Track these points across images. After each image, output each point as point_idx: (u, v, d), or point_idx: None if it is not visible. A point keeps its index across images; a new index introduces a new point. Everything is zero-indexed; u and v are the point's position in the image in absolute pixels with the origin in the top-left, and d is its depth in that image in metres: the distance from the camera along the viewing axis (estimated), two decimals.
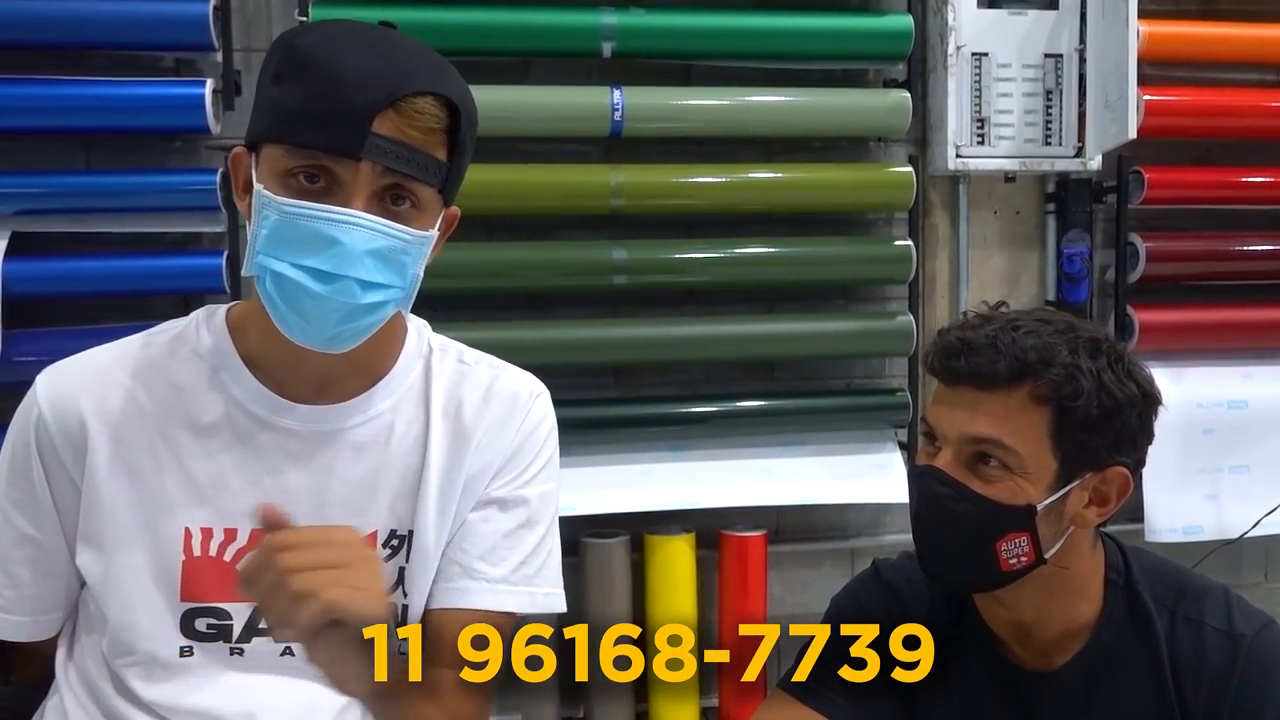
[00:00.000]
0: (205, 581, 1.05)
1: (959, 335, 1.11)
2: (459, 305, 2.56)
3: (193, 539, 1.05)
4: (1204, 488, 2.76)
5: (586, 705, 2.64)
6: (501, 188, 2.49)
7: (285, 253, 0.96)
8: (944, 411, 1.11)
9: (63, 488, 1.06)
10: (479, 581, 1.10)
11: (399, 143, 0.96)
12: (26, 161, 2.41)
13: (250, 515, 1.03)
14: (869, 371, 2.80)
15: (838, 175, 2.68)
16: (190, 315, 1.12)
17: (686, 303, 2.70)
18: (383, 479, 1.09)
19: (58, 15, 2.29)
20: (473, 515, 1.12)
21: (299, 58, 0.97)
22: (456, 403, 1.12)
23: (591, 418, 2.57)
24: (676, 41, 2.57)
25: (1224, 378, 2.81)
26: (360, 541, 0.94)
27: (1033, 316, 1.12)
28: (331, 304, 0.96)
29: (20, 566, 1.08)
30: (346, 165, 0.95)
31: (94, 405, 1.05)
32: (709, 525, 2.64)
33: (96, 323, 2.39)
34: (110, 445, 1.04)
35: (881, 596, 1.23)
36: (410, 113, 0.96)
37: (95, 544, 1.05)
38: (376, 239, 0.96)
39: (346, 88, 0.94)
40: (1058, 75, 2.69)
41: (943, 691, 1.19)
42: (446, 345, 1.17)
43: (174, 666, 1.04)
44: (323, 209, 0.95)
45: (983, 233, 2.83)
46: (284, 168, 0.96)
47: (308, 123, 0.94)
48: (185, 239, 2.46)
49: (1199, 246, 2.83)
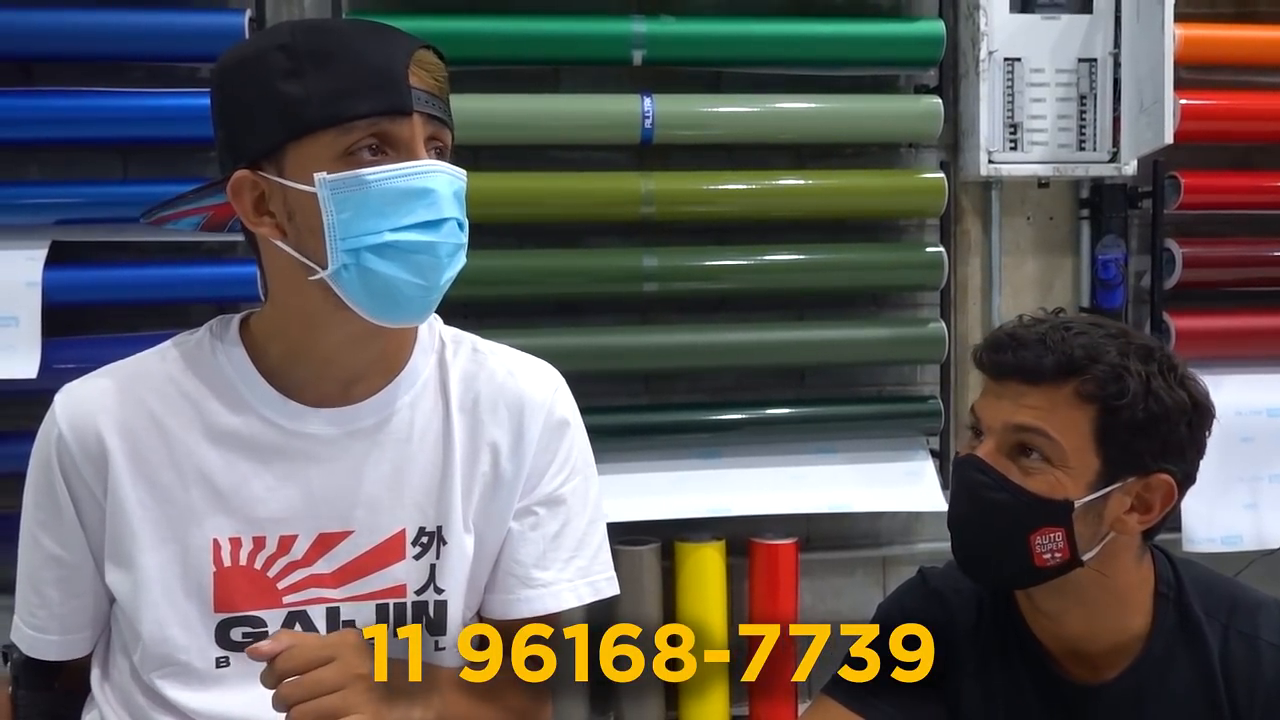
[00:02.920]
0: (238, 591, 1.05)
1: (1009, 332, 1.12)
2: (490, 312, 2.57)
3: (221, 549, 1.05)
4: (1243, 496, 2.72)
5: (616, 709, 2.64)
6: (532, 195, 2.51)
7: (379, 223, 0.97)
8: (990, 402, 1.12)
9: (88, 506, 1.06)
10: (537, 589, 1.12)
11: (430, 93, 1.00)
12: (66, 172, 2.46)
13: (278, 521, 1.05)
14: (900, 378, 2.79)
15: (869, 181, 2.67)
16: (203, 326, 1.12)
17: (717, 309, 2.70)
18: (406, 476, 1.09)
19: (96, 29, 2.33)
20: (517, 526, 1.13)
21: (305, 52, 0.98)
22: (474, 395, 1.12)
23: (622, 425, 2.58)
24: (706, 49, 2.57)
25: (1263, 385, 2.77)
26: (354, 651, 0.98)
27: (1087, 320, 1.13)
28: (444, 248, 0.99)
29: (50, 587, 1.08)
30: (402, 123, 0.98)
31: (112, 422, 1.05)
32: (740, 533, 2.63)
33: (134, 330, 2.43)
34: (131, 460, 1.05)
35: (928, 604, 1.22)
36: (428, 63, 1.01)
37: (124, 561, 1.05)
38: (454, 181, 1.01)
39: (376, 55, 0.98)
40: (1092, 80, 2.67)
41: (989, 702, 1.18)
42: (460, 337, 1.17)
43: (210, 677, 1.05)
44: (407, 166, 0.98)
45: (1015, 239, 2.81)
46: (340, 148, 0.97)
47: (358, 94, 0.97)
48: (221, 248, 2.49)
49: (1236, 252, 2.80)
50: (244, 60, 1.02)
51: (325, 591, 1.07)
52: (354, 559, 1.07)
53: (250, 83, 1.00)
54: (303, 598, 1.06)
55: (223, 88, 1.04)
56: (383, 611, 1.08)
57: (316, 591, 1.07)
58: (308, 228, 0.99)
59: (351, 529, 1.07)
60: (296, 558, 1.06)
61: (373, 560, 1.08)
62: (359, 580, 1.07)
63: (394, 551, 1.08)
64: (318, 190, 0.97)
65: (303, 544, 1.06)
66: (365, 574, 1.08)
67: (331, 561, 1.07)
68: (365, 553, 1.08)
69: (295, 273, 1.01)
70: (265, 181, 1.00)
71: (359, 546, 1.07)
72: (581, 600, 1.14)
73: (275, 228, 1.01)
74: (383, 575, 1.08)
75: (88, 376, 1.09)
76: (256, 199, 1.01)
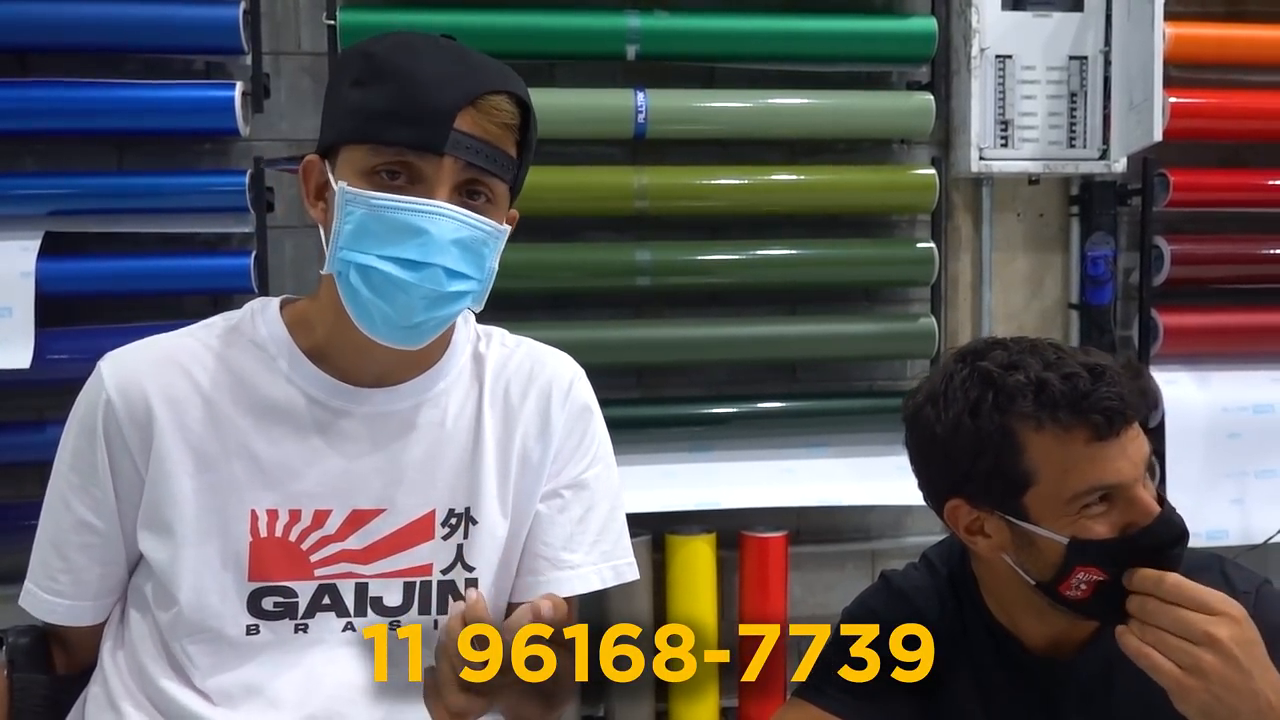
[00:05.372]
0: (272, 561, 1.08)
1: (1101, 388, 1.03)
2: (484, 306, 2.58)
3: (259, 521, 1.08)
4: (1230, 492, 2.75)
5: (607, 704, 2.65)
6: (526, 189, 2.45)
7: (371, 245, 1.01)
8: (1115, 455, 1.04)
9: (126, 473, 1.08)
10: (564, 571, 1.16)
11: (478, 139, 1.02)
12: (61, 163, 2.46)
13: (313, 496, 1.08)
14: (891, 373, 2.80)
15: (860, 177, 2.69)
16: (244, 307, 1.15)
17: (709, 304, 2.72)
18: (441, 459, 1.13)
19: (92, 20, 2.33)
20: (544, 508, 1.17)
21: (378, 64, 1.02)
22: (504, 383, 1.17)
23: (614, 418, 2.53)
24: (700, 44, 2.58)
25: (1250, 382, 2.80)
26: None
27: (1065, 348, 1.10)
28: (420, 291, 1.01)
29: (76, 551, 1.11)
30: (430, 160, 1.00)
31: (159, 390, 1.07)
32: (730, 526, 2.65)
33: (128, 321, 2.43)
34: (176, 429, 1.07)
35: (894, 603, 1.24)
36: (489, 109, 1.02)
37: (162, 528, 1.07)
38: (461, 229, 1.02)
39: (430, 88, 1.00)
40: (1082, 77, 2.68)
41: (958, 689, 1.20)
42: (490, 331, 1.22)
43: (241, 644, 1.07)
44: (410, 201, 1.00)
45: (1006, 235, 2.82)
46: (367, 166, 1.01)
47: (394, 121, 1.00)
48: (215, 239, 2.50)
49: (1224, 249, 2.81)
50: (345, 56, 1.08)
51: (355, 567, 1.10)
52: (384, 537, 1.11)
53: (336, 79, 1.07)
54: (333, 571, 1.10)
55: (331, 72, 1.09)
56: (409, 589, 1.11)
57: (347, 566, 1.10)
58: (331, 225, 1.04)
59: (384, 507, 1.11)
60: (330, 532, 1.09)
61: (402, 539, 1.11)
62: (388, 558, 1.11)
63: (423, 532, 1.12)
64: (336, 196, 1.02)
65: (336, 519, 1.09)
66: (394, 552, 1.11)
67: (363, 538, 1.10)
68: (395, 531, 1.11)
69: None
70: (325, 171, 1.05)
71: (390, 525, 1.11)
72: (605, 583, 1.19)
73: (323, 214, 1.06)
74: (410, 554, 1.11)
75: (131, 345, 1.12)
76: (320, 184, 1.07)
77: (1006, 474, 1.06)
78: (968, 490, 1.10)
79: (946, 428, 1.09)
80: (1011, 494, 1.07)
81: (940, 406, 1.10)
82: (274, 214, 2.42)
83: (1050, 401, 1.03)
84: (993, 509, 1.09)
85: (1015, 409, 1.04)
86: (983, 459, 1.07)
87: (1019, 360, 1.07)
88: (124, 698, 1.08)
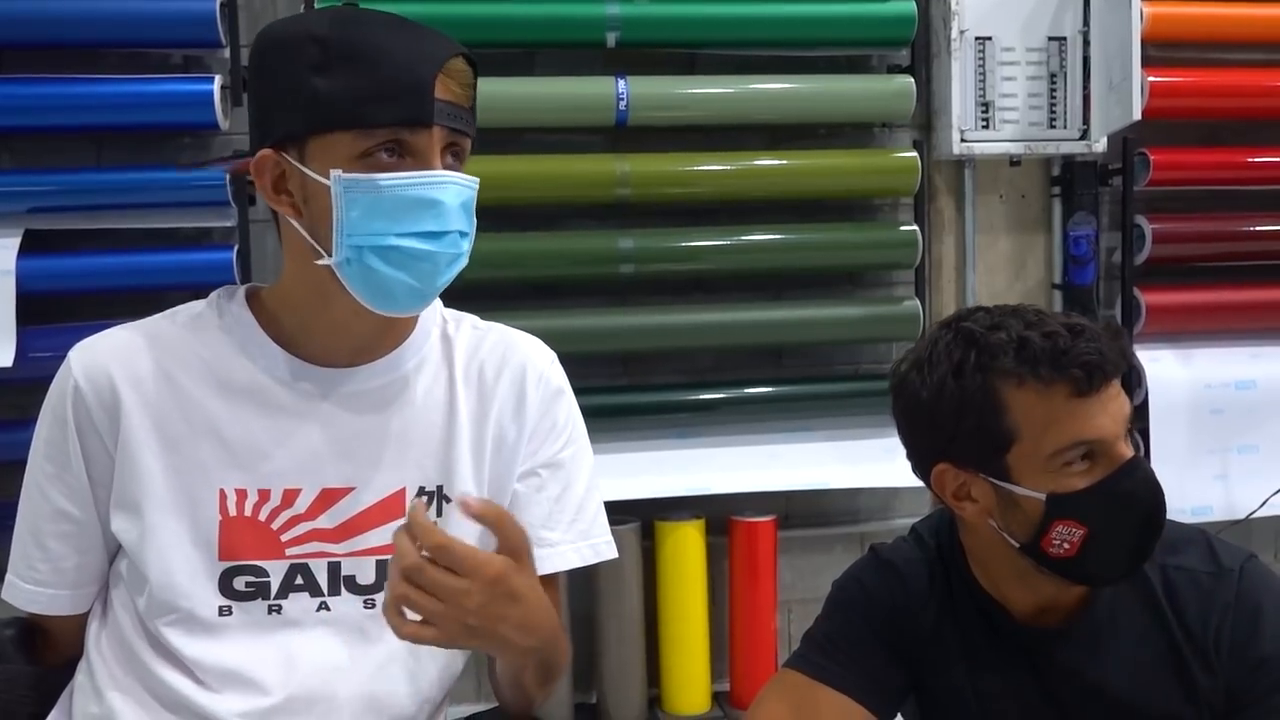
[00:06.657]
0: (242, 541, 1.08)
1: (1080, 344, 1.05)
2: (466, 296, 2.55)
3: (228, 500, 1.08)
4: (1213, 468, 2.77)
5: (599, 689, 2.66)
6: (508, 179, 2.51)
7: (387, 225, 1.02)
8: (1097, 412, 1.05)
9: (98, 458, 1.09)
10: (544, 549, 1.16)
11: (453, 104, 1.04)
12: (39, 159, 2.45)
13: (282, 475, 1.08)
14: (876, 356, 2.81)
15: (843, 161, 2.69)
16: (207, 296, 1.15)
17: (694, 290, 2.72)
18: (410, 437, 1.13)
19: (68, 14, 2.32)
20: (521, 488, 1.18)
21: (337, 47, 1.01)
22: (478, 365, 1.18)
23: (601, 406, 2.59)
24: (680, 30, 2.58)
25: (1232, 358, 2.82)
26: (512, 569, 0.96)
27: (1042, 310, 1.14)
28: (443, 258, 1.04)
29: (54, 540, 1.11)
30: (420, 133, 1.02)
31: (126, 374, 1.08)
32: (719, 511, 2.65)
33: (109, 318, 2.40)
34: (143, 412, 1.08)
35: (883, 576, 1.25)
36: (455, 73, 1.04)
37: (132, 509, 1.08)
38: (463, 192, 1.05)
39: (404, 63, 1.01)
40: (1062, 58, 2.69)
41: (946, 658, 1.21)
42: (460, 315, 1.23)
43: (214, 625, 1.08)
44: (419, 176, 1.02)
45: (988, 217, 2.83)
46: (358, 150, 1.01)
47: (381, 101, 1.00)
48: (196, 234, 2.49)
49: (1205, 228, 2.83)
50: (281, 43, 1.06)
51: (326, 546, 1.10)
52: (355, 515, 1.11)
53: (283, 68, 1.04)
54: (304, 550, 1.10)
55: (259, 67, 1.07)
56: (383, 567, 1.11)
57: (318, 545, 1.10)
58: (320, 216, 1.04)
59: (354, 486, 1.11)
60: (299, 511, 1.10)
61: (373, 516, 1.11)
62: (359, 536, 1.11)
63: (394, 509, 1.12)
64: (332, 185, 1.02)
65: (306, 498, 1.10)
66: (365, 530, 1.11)
67: (334, 517, 1.10)
68: (366, 509, 1.11)
69: (307, 251, 1.05)
70: (286, 163, 1.04)
71: (360, 503, 1.11)
72: (584, 560, 1.20)
73: (292, 207, 1.06)
74: (382, 531, 1.11)
75: (99, 334, 1.13)
76: (277, 177, 1.06)
77: (990, 433, 1.07)
78: (953, 453, 1.11)
79: (931, 390, 1.10)
80: (995, 453, 1.08)
81: (925, 371, 1.11)
82: (256, 207, 2.41)
83: (1031, 358, 1.05)
84: (977, 471, 1.10)
85: (997, 366, 1.06)
86: (966, 419, 1.08)
87: (1001, 321, 1.09)
88: (110, 686, 1.08)
